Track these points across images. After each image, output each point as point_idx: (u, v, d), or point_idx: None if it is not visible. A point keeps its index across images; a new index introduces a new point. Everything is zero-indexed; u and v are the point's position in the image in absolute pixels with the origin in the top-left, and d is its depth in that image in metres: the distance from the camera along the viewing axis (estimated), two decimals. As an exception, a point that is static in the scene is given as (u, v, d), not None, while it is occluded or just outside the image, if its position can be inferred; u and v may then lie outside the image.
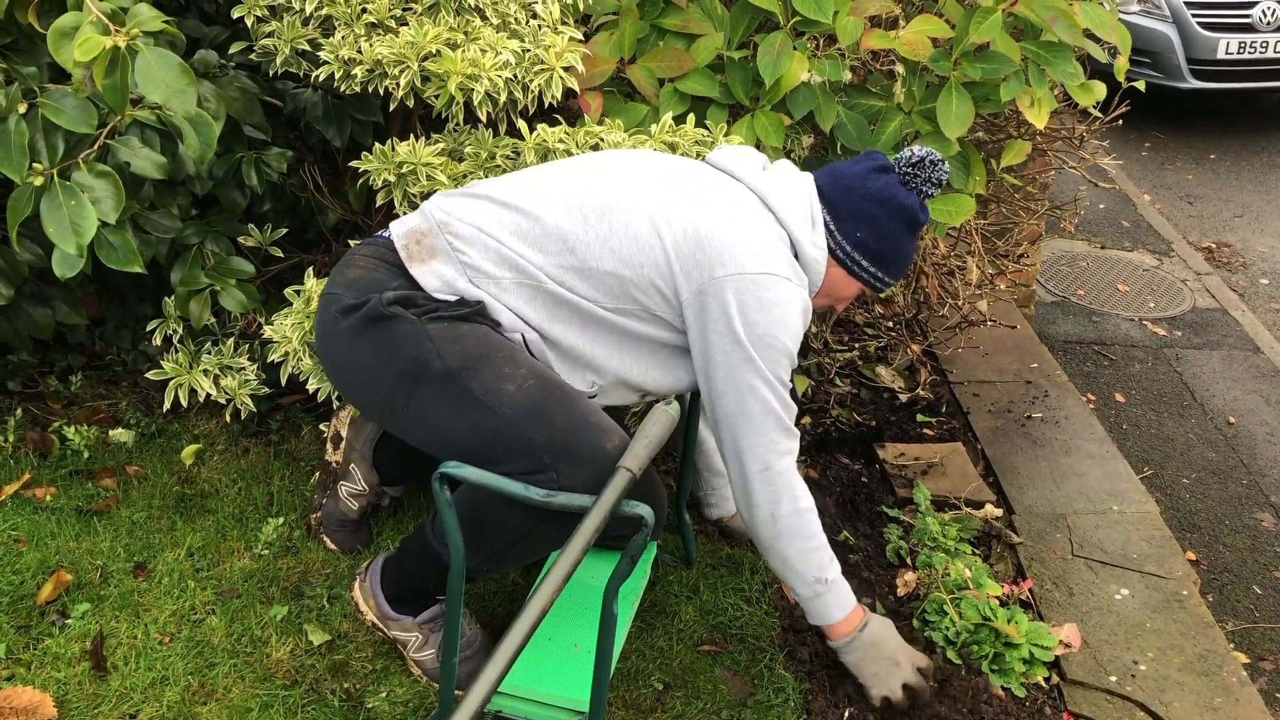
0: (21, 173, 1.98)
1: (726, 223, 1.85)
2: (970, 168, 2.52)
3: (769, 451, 1.87)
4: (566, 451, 1.74)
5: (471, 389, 1.77)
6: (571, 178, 1.92)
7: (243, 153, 2.54)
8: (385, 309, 1.81)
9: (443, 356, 1.78)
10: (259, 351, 2.59)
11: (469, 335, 1.81)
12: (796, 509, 1.90)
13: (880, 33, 2.38)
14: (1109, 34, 2.46)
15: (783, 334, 1.83)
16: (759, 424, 1.85)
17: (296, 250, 2.81)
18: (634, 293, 1.85)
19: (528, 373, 1.80)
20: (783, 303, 1.83)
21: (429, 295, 1.84)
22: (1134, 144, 6.48)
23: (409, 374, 1.80)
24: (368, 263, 1.91)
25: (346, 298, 1.86)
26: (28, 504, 2.44)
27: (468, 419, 1.78)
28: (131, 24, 1.89)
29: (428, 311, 1.82)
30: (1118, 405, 3.78)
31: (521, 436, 1.75)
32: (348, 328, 1.85)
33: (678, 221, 1.84)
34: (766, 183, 1.93)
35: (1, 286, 2.38)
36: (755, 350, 1.81)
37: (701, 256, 1.82)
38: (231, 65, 2.51)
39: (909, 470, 2.84)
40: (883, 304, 3.25)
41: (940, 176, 1.95)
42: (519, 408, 1.76)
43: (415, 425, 1.87)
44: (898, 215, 1.95)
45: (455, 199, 1.93)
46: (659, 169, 1.94)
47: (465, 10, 2.24)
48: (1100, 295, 4.60)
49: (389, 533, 2.43)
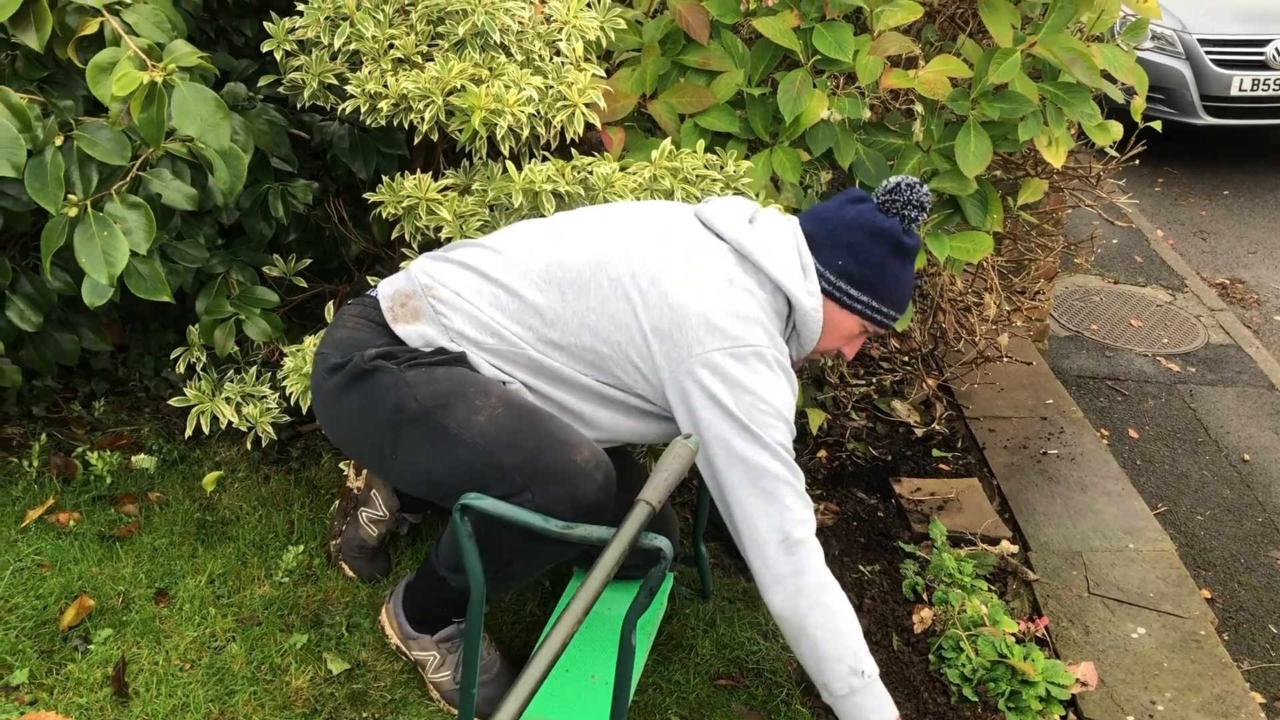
0: (57, 204, 2.02)
1: (703, 297, 1.82)
2: (988, 205, 2.54)
3: (786, 520, 1.79)
4: (538, 471, 1.76)
5: (446, 425, 1.80)
6: (551, 246, 1.92)
7: (269, 184, 2.57)
8: (367, 364, 1.85)
9: (418, 399, 1.81)
10: (281, 380, 2.62)
11: (443, 376, 1.84)
12: (822, 583, 1.80)
13: (899, 72, 2.41)
14: (1126, 75, 2.49)
15: (776, 399, 1.80)
16: (770, 494, 1.79)
17: (320, 280, 2.84)
18: (612, 369, 1.86)
19: (497, 401, 1.82)
20: (764, 370, 1.80)
21: (411, 349, 1.88)
22: (1147, 180, 6.50)
23: (390, 421, 1.84)
24: (354, 323, 1.95)
25: (333, 357, 1.91)
26: (51, 529, 2.47)
27: (446, 455, 1.81)
28: (168, 59, 1.94)
29: (406, 360, 1.86)
30: (1131, 441, 3.78)
31: (494, 463, 1.77)
32: (334, 385, 1.90)
33: (655, 298, 1.82)
34: (753, 239, 1.90)
35: (30, 313, 2.42)
36: (750, 421, 1.77)
37: (678, 335, 1.80)
38: (260, 98, 2.55)
39: (925, 505, 2.85)
40: (899, 339, 3.27)
41: (919, 198, 1.90)
42: (489, 436, 1.78)
43: (403, 470, 1.90)
44: (878, 239, 1.90)
45: (440, 264, 1.96)
46: (644, 233, 1.92)
47: (490, 47, 2.28)
48: (1114, 330, 4.61)
49: (407, 561, 2.44)
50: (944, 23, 2.73)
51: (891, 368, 3.38)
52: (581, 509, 1.75)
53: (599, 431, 1.92)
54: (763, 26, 2.39)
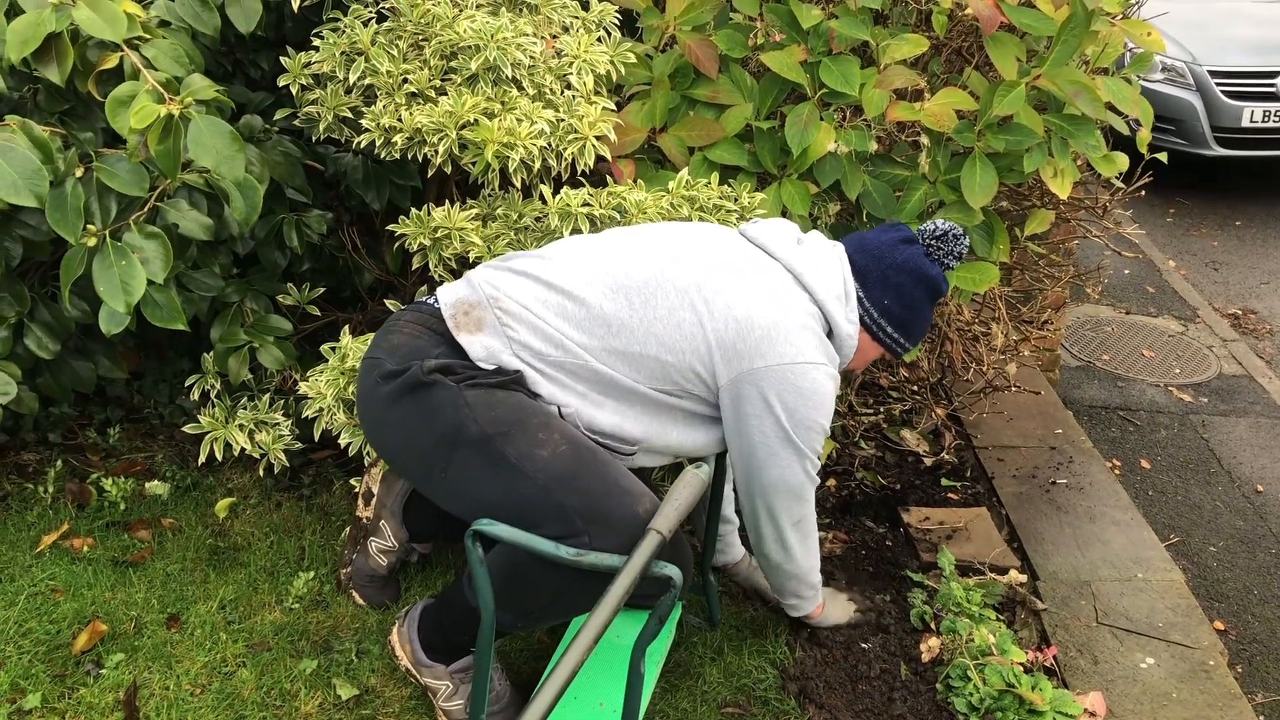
0: (76, 234, 2.06)
1: (766, 309, 1.91)
2: (994, 236, 2.56)
3: (803, 510, 2.08)
4: (599, 516, 1.78)
5: (506, 454, 1.81)
6: (613, 256, 1.97)
7: (284, 214, 2.61)
8: (426, 376, 1.85)
9: (479, 422, 1.82)
10: (294, 407, 2.65)
11: (504, 401, 1.85)
12: (813, 543, 2.19)
13: (906, 105, 2.44)
14: (1130, 108, 2.51)
15: (820, 416, 1.95)
16: (796, 490, 2.02)
17: (333, 309, 2.88)
18: (674, 375, 1.92)
19: (560, 438, 1.84)
20: (819, 389, 1.93)
21: (471, 364, 1.89)
22: (1159, 210, 6.51)
23: (446, 439, 1.84)
24: (412, 329, 1.95)
25: (389, 363, 1.91)
26: (65, 554, 2.49)
27: (502, 483, 1.82)
28: (185, 93, 1.98)
29: (466, 379, 1.86)
30: (1143, 471, 3.77)
31: (554, 501, 1.79)
32: (388, 393, 1.89)
33: (720, 309, 1.90)
34: (802, 260, 2.00)
35: (48, 341, 2.45)
36: (796, 433, 1.93)
37: (741, 346, 1.89)
38: (276, 130, 2.60)
39: (933, 535, 2.85)
40: (907, 368, 3.28)
41: (961, 250, 2.07)
42: (552, 473, 1.80)
43: (451, 490, 1.90)
44: (923, 285, 2.05)
45: (502, 274, 1.97)
46: (700, 247, 1.99)
47: (503, 81, 2.32)
48: (1125, 361, 4.60)
49: (417, 588, 2.46)
50: (950, 56, 2.76)
51: (900, 397, 3.38)
52: None
53: (642, 441, 1.96)
54: (770, 61, 2.43)
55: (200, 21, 2.30)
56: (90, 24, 2.01)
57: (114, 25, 2.03)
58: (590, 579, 1.76)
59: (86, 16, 2.01)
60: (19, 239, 2.30)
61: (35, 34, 2.00)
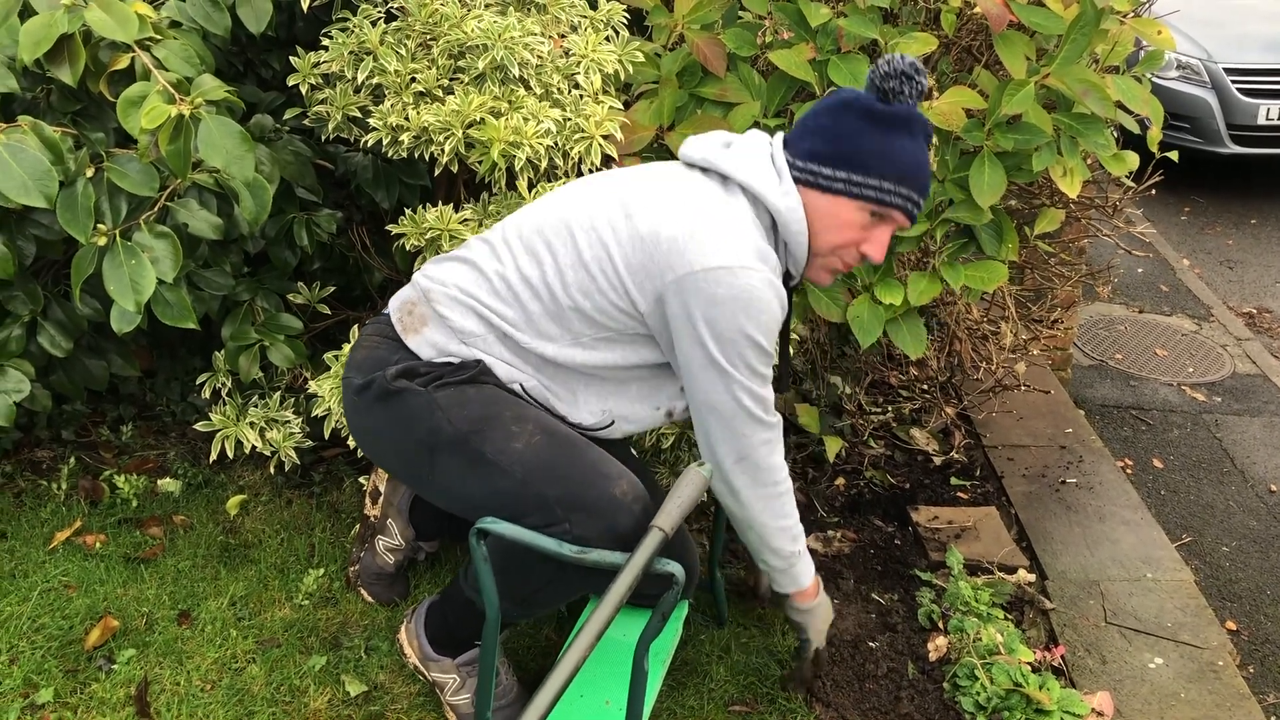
0: (87, 233, 2.08)
1: (674, 219, 1.79)
2: (1003, 235, 2.55)
3: (743, 444, 1.89)
4: (577, 503, 1.78)
5: (483, 451, 1.82)
6: (532, 214, 1.94)
7: (294, 213, 2.63)
8: (391, 384, 1.87)
9: (453, 422, 1.83)
10: (304, 405, 2.67)
11: (475, 398, 1.86)
12: (776, 493, 1.96)
13: (914, 103, 2.43)
14: (1141, 107, 2.50)
15: (747, 324, 1.78)
16: (730, 420, 1.86)
17: (343, 307, 2.89)
18: (603, 320, 1.86)
19: (535, 428, 1.84)
20: (739, 294, 1.76)
21: (429, 363, 1.89)
22: (1173, 209, 6.47)
23: (425, 444, 1.86)
24: (370, 341, 1.97)
25: (355, 379, 1.93)
26: (78, 551, 2.51)
27: (483, 480, 1.83)
28: (196, 93, 2.00)
29: (433, 379, 1.87)
30: (1156, 471, 3.75)
31: (534, 492, 1.79)
32: (363, 406, 1.92)
33: (625, 231, 1.82)
34: (727, 158, 1.88)
35: (61, 339, 2.47)
36: (719, 348, 1.79)
37: (650, 265, 1.79)
38: (286, 129, 2.61)
39: (942, 534, 2.85)
40: (916, 366, 3.27)
41: (902, 68, 1.80)
42: (529, 464, 1.81)
43: (440, 490, 1.93)
44: (845, 111, 1.84)
45: (440, 265, 1.98)
46: (618, 180, 1.93)
47: (510, 80, 2.32)
48: (1138, 360, 4.58)
49: (425, 585, 2.47)
50: (959, 54, 2.76)
51: (910, 396, 3.38)
52: (619, 541, 1.77)
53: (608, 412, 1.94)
54: (778, 59, 2.42)
55: (211, 22, 2.32)
56: (102, 25, 2.03)
57: (125, 26, 2.05)
58: (587, 567, 1.77)
59: (98, 18, 2.03)
60: (31, 238, 2.32)
61: (48, 35, 2.02)
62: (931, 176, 2.11)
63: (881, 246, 1.89)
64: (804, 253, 1.88)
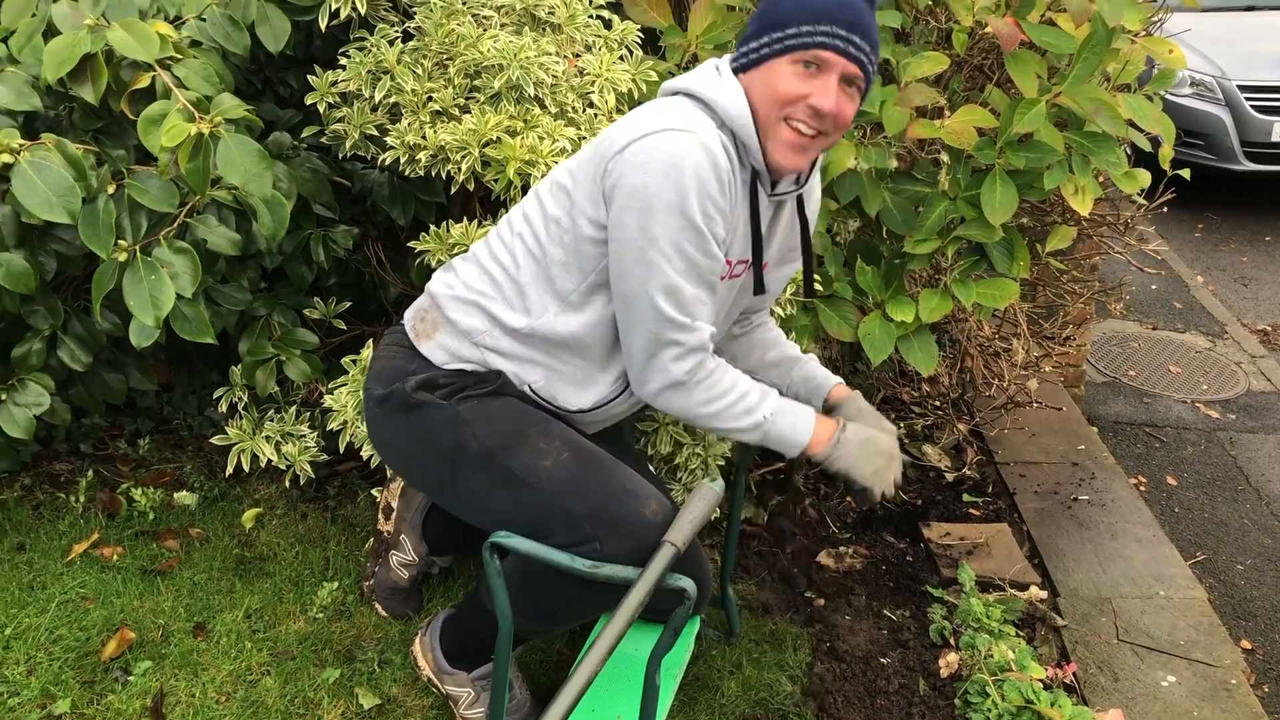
0: (108, 249, 2.11)
1: (623, 125, 1.72)
2: (1014, 252, 2.56)
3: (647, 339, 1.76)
4: (607, 521, 1.78)
5: (511, 468, 1.82)
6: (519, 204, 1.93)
7: (311, 230, 2.66)
8: (412, 395, 1.87)
9: (478, 438, 1.83)
10: (319, 419, 2.69)
11: (499, 412, 1.86)
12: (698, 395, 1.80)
13: (925, 122, 2.45)
14: (1152, 125, 2.51)
15: (670, 189, 1.64)
16: (636, 307, 1.74)
17: (359, 322, 2.92)
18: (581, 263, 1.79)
19: (561, 444, 1.85)
20: (666, 155, 1.64)
21: (448, 373, 1.90)
22: (1187, 225, 6.47)
23: (449, 458, 1.86)
24: (388, 351, 1.98)
25: (376, 390, 1.94)
26: (96, 563, 2.54)
27: (510, 496, 1.83)
28: (215, 112, 2.03)
29: (454, 391, 1.87)
30: (1169, 488, 3.74)
31: (563, 510, 1.80)
32: (384, 417, 1.93)
33: (574, 162, 1.79)
34: (673, 82, 1.83)
35: (81, 354, 2.50)
36: (640, 220, 1.66)
37: (595, 170, 1.73)
38: (304, 147, 2.64)
39: (954, 550, 2.85)
40: (929, 382, 3.28)
41: None
42: (558, 481, 1.81)
43: (464, 504, 1.93)
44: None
45: (447, 269, 1.98)
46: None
47: (526, 99, 2.35)
48: (1152, 377, 4.58)
49: (439, 599, 2.49)
50: (971, 72, 2.77)
51: (923, 412, 3.39)
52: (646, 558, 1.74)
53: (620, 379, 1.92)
54: (790, 78, 2.44)
55: (231, 41, 2.35)
56: (124, 45, 2.06)
57: (147, 46, 2.08)
58: (604, 584, 1.78)
59: (121, 37, 2.06)
60: (52, 253, 2.36)
61: (71, 55, 2.06)
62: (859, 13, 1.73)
63: (829, 92, 1.70)
64: (751, 134, 1.74)
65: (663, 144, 1.66)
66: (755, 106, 1.74)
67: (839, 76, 1.70)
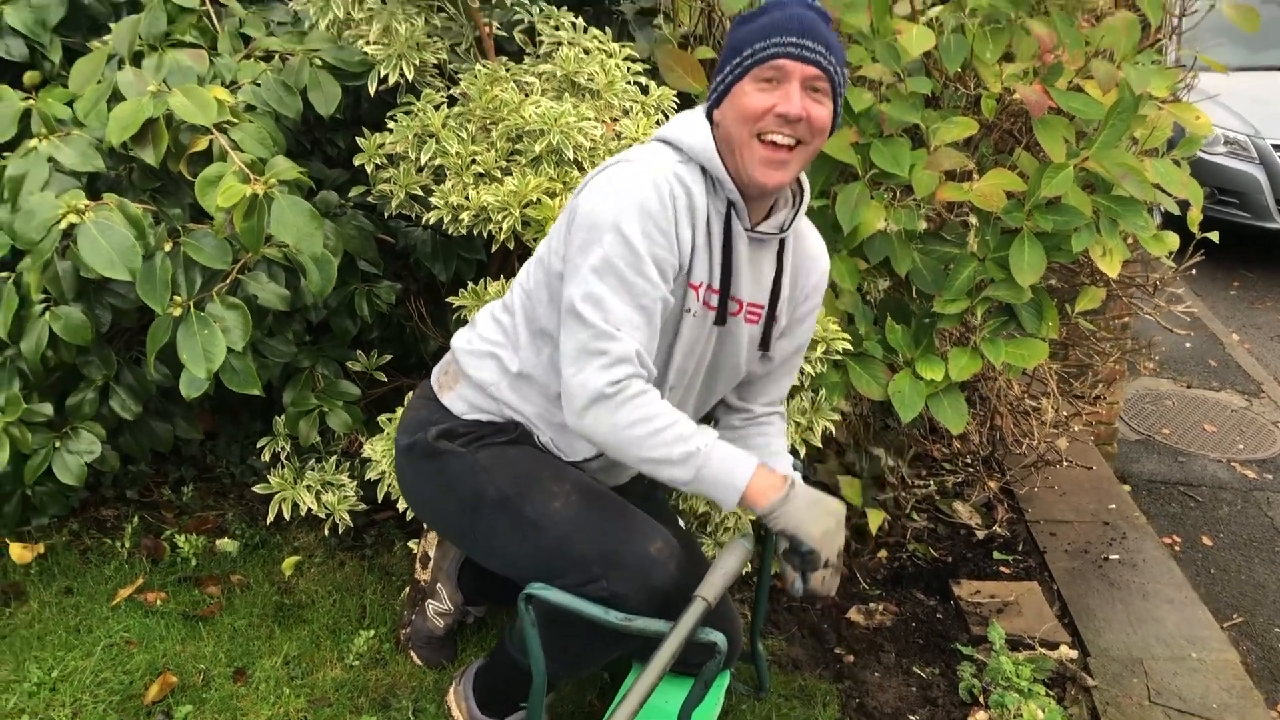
0: (164, 304, 2.19)
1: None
2: (1043, 313, 2.60)
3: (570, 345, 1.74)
4: (613, 560, 1.81)
5: (524, 511, 1.87)
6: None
7: (356, 285, 2.74)
8: (433, 445, 1.94)
9: (495, 484, 1.89)
10: (358, 469, 2.75)
11: (516, 459, 1.92)
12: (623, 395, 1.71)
13: (955, 185, 2.50)
14: (1179, 190, 2.55)
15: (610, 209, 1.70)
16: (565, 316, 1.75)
17: (399, 375, 2.99)
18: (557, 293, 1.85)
19: (571, 487, 1.89)
20: (606, 182, 1.74)
21: (467, 422, 1.96)
22: (1222, 283, 6.45)
23: (469, 505, 1.92)
24: (416, 404, 2.06)
25: (402, 440, 2.02)
26: (139, 607, 2.60)
27: (524, 539, 1.88)
28: (270, 174, 2.12)
29: (473, 440, 1.93)
30: (1205, 549, 3.72)
31: (572, 551, 1.83)
32: (409, 466, 2.01)
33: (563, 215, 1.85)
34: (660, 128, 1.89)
35: (131, 403, 2.59)
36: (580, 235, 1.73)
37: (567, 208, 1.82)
38: (350, 205, 2.74)
39: (984, 608, 2.86)
40: (959, 440, 3.30)
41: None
42: (567, 523, 1.85)
43: (485, 551, 1.99)
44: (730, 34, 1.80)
45: (470, 325, 2.06)
46: None
47: (565, 162, 2.43)
48: (1186, 435, 4.56)
49: (473, 648, 2.53)
50: (1000, 136, 2.83)
51: (953, 469, 3.40)
52: (655, 597, 1.79)
53: None
54: (822, 142, 2.51)
55: (284, 105, 2.46)
56: (184, 110, 2.17)
57: (206, 111, 2.19)
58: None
59: (181, 103, 2.17)
60: (108, 306, 2.45)
61: (135, 119, 2.16)
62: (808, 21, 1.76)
63: (792, 97, 1.73)
64: (717, 166, 1.79)
65: (612, 175, 1.75)
66: (730, 133, 1.77)
67: (800, 82, 1.73)
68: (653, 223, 1.71)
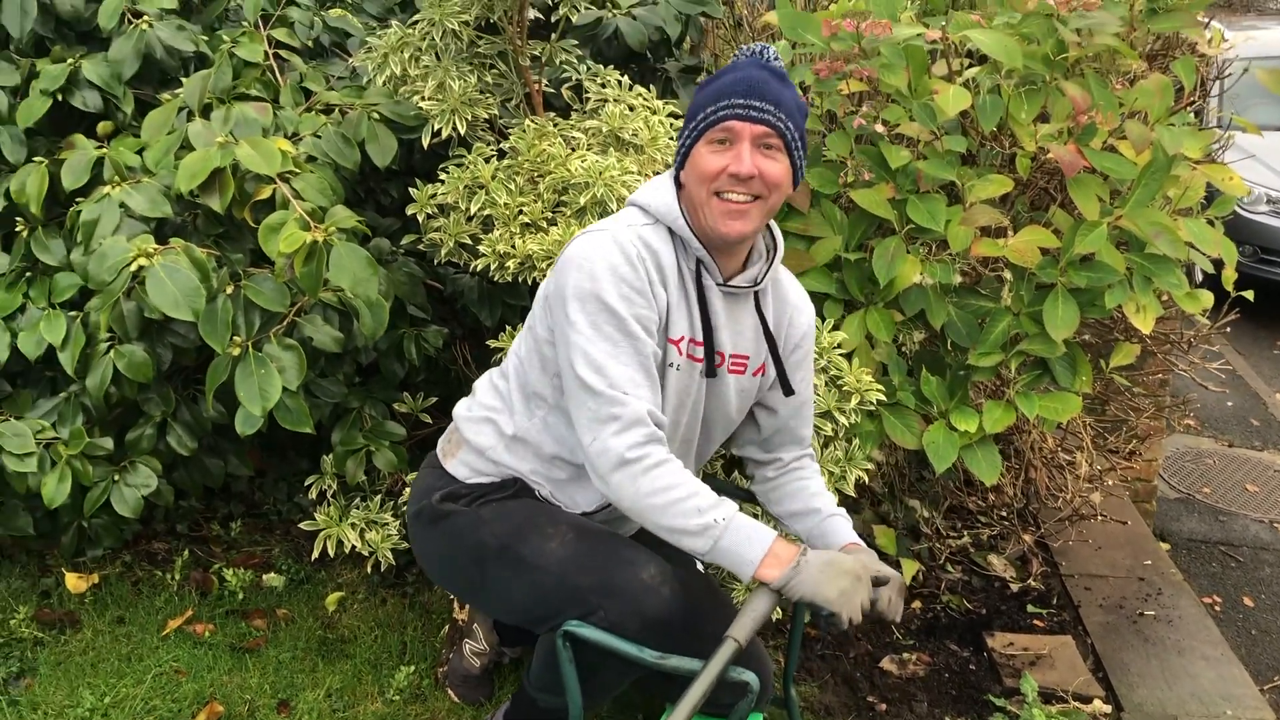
0: (224, 345, 2.29)
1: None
2: (1076, 368, 2.63)
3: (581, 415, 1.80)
4: (608, 589, 1.84)
5: (523, 555, 1.91)
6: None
7: (405, 329, 2.83)
8: (438, 507, 2.01)
9: (496, 534, 1.94)
10: (402, 508, 2.82)
11: (516, 510, 1.97)
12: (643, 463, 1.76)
13: (990, 241, 2.55)
14: (1212, 249, 2.58)
15: (581, 279, 1.79)
16: (570, 389, 1.82)
17: (443, 417, 3.06)
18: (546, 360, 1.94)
19: (567, 526, 1.94)
20: (577, 254, 1.82)
21: (467, 484, 2.03)
22: (1265, 343, 6.42)
23: (474, 559, 1.97)
24: (422, 473, 2.14)
25: (411, 507, 2.10)
26: (189, 638, 2.68)
27: (527, 584, 1.91)
28: (329, 222, 2.22)
29: (475, 498, 2.00)
30: (1246, 609, 3.69)
31: (570, 585, 1.86)
32: (419, 532, 2.08)
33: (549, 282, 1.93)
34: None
35: (187, 439, 2.68)
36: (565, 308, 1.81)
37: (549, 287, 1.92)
38: (401, 252, 2.84)
39: (1017, 660, 2.86)
40: (994, 492, 3.32)
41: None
42: (563, 560, 1.89)
43: (496, 603, 2.03)
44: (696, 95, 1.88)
45: (471, 394, 2.14)
46: None
47: (609, 214, 2.51)
48: (1228, 494, 4.53)
49: (510, 686, 2.57)
50: (1035, 194, 2.88)
51: (989, 522, 3.42)
52: (650, 623, 1.82)
53: None
54: (860, 198, 2.58)
55: (343, 157, 2.57)
56: (250, 160, 2.28)
57: (270, 161, 2.30)
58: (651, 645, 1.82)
59: (247, 154, 2.28)
60: (169, 345, 2.55)
61: (204, 169, 2.27)
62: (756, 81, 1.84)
63: (742, 157, 1.81)
64: (682, 226, 1.87)
65: (580, 247, 1.83)
66: (693, 193, 1.86)
67: (750, 141, 1.80)
68: (628, 285, 1.80)
